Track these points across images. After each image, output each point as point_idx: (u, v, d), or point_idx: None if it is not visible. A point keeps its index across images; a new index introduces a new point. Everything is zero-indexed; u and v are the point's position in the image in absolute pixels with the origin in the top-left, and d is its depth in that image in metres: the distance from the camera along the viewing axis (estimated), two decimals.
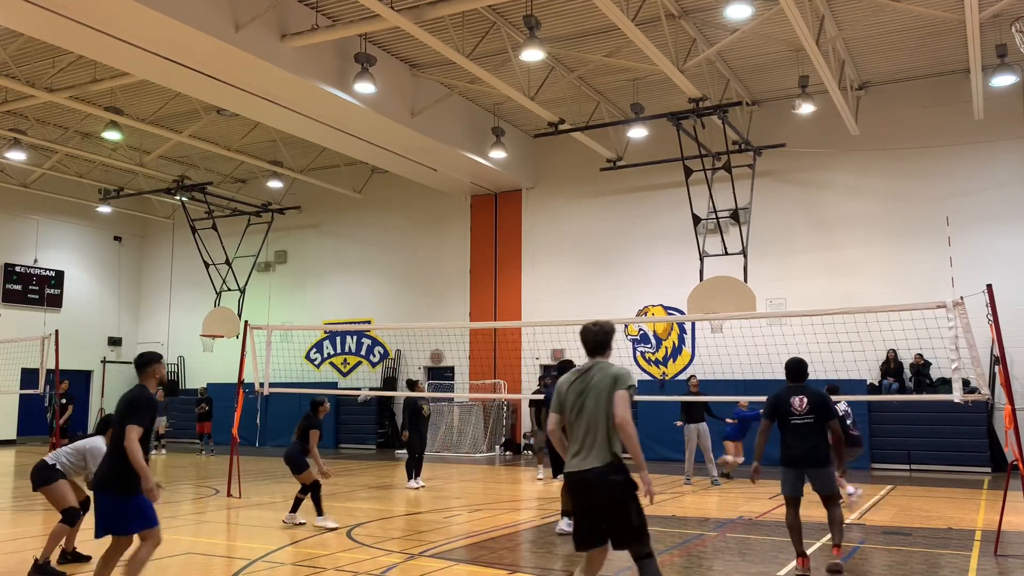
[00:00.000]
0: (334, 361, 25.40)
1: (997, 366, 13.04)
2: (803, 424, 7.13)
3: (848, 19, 15.49)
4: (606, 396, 4.85)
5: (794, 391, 7.28)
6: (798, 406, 7.18)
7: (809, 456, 7.07)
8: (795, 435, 7.14)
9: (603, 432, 4.82)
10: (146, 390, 5.84)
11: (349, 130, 17.98)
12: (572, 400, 4.98)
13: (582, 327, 5.24)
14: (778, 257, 19.05)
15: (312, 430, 10.17)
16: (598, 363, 5.06)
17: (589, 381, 4.96)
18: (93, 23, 12.81)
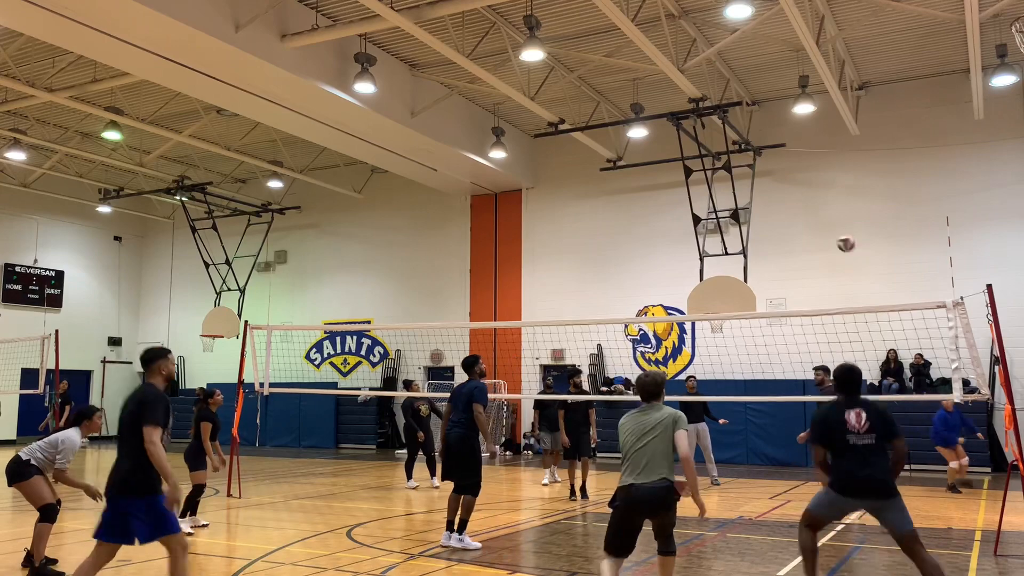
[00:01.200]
0: (334, 361, 25.40)
1: (997, 366, 13.06)
2: (863, 445, 5.88)
3: (848, 19, 15.49)
4: (668, 432, 5.85)
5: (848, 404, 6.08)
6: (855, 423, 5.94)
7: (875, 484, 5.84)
8: (855, 458, 5.87)
9: (662, 458, 5.81)
10: (154, 387, 5.56)
11: (349, 130, 17.98)
12: (631, 432, 5.96)
13: (637, 379, 6.33)
14: (778, 257, 19.04)
15: (203, 422, 9.66)
16: (654, 405, 6.04)
17: (650, 417, 5.95)
18: (93, 23, 12.81)
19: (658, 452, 5.80)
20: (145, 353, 5.75)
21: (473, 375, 8.91)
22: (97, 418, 7.67)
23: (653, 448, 5.81)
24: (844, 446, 5.91)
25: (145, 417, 5.31)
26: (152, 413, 5.33)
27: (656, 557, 6.04)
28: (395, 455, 21.66)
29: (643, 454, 5.82)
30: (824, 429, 6.06)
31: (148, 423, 5.29)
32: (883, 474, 5.84)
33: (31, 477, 7.26)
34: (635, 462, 5.84)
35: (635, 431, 5.95)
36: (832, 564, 7.75)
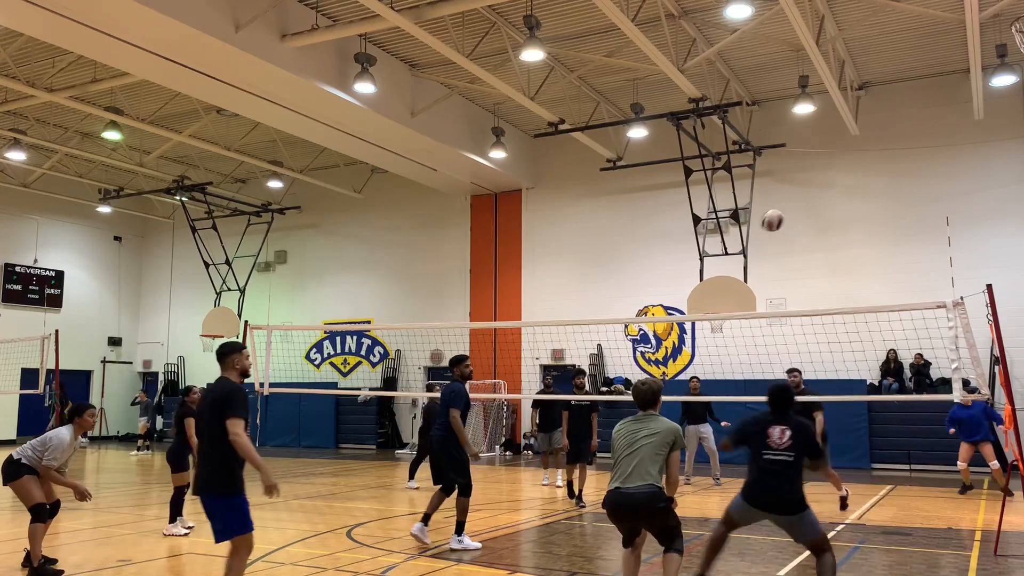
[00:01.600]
0: (334, 361, 25.39)
1: (997, 366, 13.05)
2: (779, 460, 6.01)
3: (848, 19, 15.49)
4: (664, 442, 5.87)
5: (775, 420, 6.17)
6: (777, 438, 6.06)
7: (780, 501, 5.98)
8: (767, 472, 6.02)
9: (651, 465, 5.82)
10: (231, 381, 5.51)
11: (349, 130, 17.98)
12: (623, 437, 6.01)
13: (634, 387, 6.21)
14: (778, 257, 19.03)
15: (186, 418, 9.49)
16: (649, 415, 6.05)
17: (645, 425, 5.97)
18: (93, 23, 12.80)
19: (646, 459, 5.81)
20: (220, 348, 5.71)
21: (455, 375, 8.74)
22: (89, 415, 7.57)
23: (642, 455, 5.83)
24: (759, 458, 6.09)
25: (227, 411, 5.28)
26: (234, 406, 5.30)
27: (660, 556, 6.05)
28: (395, 455, 21.67)
29: (631, 460, 5.85)
30: (744, 435, 6.31)
31: (230, 416, 5.26)
32: (791, 492, 5.93)
33: (21, 477, 7.19)
34: (623, 468, 5.89)
35: (627, 438, 5.99)
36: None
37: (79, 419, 7.49)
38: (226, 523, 5.30)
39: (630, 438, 5.95)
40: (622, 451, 5.96)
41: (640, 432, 5.95)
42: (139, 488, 14.54)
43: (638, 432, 5.95)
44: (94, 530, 9.56)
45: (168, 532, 9.13)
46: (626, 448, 5.93)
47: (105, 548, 8.48)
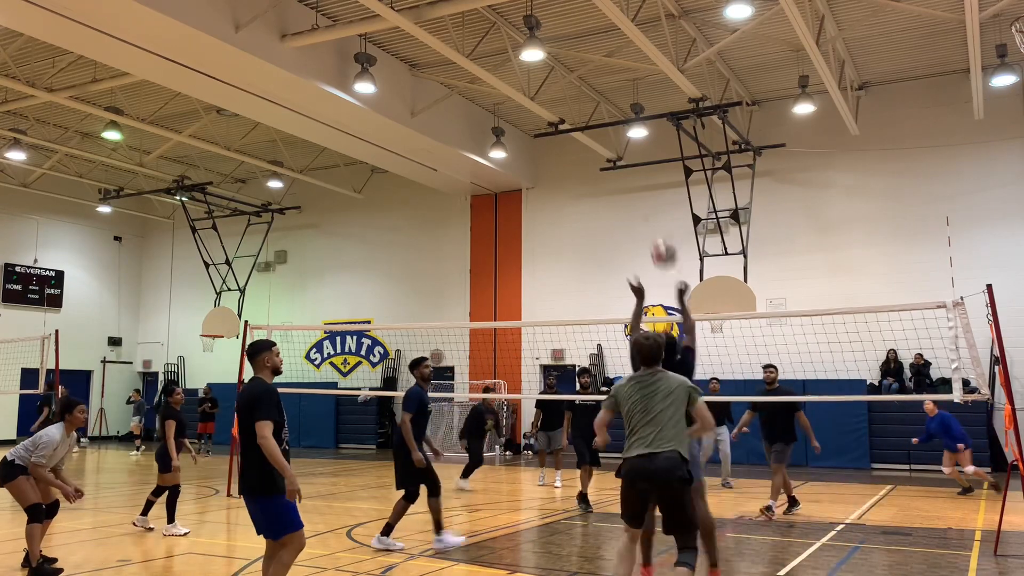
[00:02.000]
0: (334, 361, 25.40)
1: (997, 366, 13.05)
2: None
3: (848, 19, 15.49)
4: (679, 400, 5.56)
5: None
6: None
7: None
8: None
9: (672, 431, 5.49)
10: (263, 381, 5.48)
11: (349, 130, 17.98)
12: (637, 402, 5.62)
13: (634, 341, 5.86)
14: (778, 257, 19.04)
15: (167, 420, 9.40)
16: (659, 370, 5.73)
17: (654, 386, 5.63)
18: (93, 23, 12.80)
19: (668, 424, 5.47)
20: (250, 347, 5.69)
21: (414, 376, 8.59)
22: (79, 411, 7.45)
23: (663, 421, 5.48)
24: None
25: (256, 413, 5.28)
26: (262, 409, 5.30)
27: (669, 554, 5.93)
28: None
29: (651, 428, 5.49)
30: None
31: (259, 418, 5.27)
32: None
33: (15, 478, 7.13)
34: (643, 436, 5.51)
35: (643, 403, 5.59)
36: (832, 564, 7.75)
37: (69, 416, 7.38)
38: (269, 523, 5.33)
39: (646, 403, 5.57)
40: (639, 418, 5.57)
41: (655, 395, 5.57)
42: (139, 488, 14.54)
43: (653, 395, 5.57)
44: (94, 530, 9.56)
45: (167, 532, 9.12)
46: (643, 415, 5.55)
47: (105, 548, 8.48)
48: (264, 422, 5.27)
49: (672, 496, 5.43)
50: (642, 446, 5.48)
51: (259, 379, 5.57)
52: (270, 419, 5.29)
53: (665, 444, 5.44)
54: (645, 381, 5.68)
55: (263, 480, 5.27)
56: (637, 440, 5.53)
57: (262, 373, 5.58)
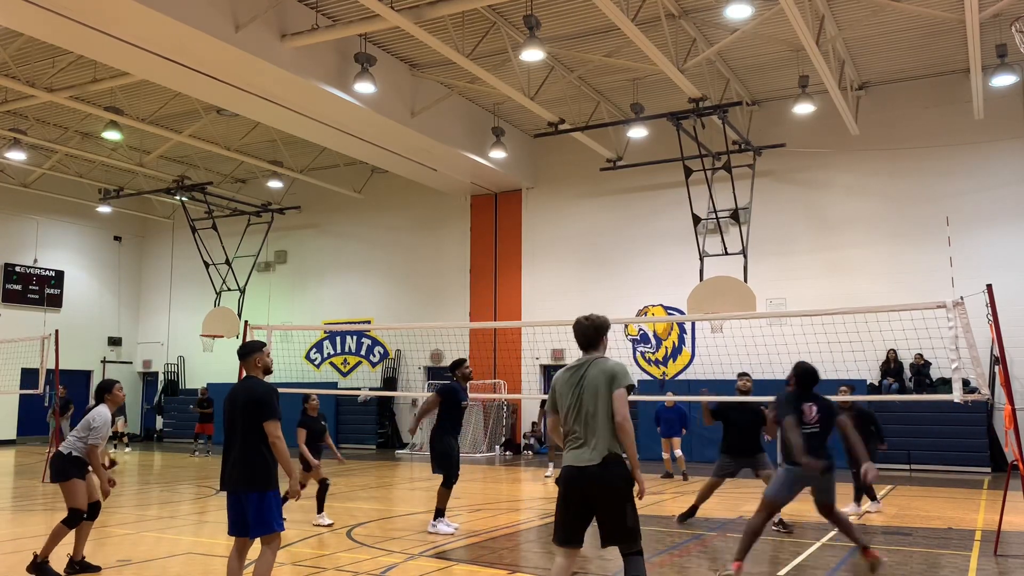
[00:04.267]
0: (334, 361, 25.40)
1: (997, 366, 13.04)
2: (812, 434, 6.87)
3: (848, 19, 15.49)
4: (604, 392, 4.88)
5: (805, 398, 6.99)
6: (808, 414, 6.91)
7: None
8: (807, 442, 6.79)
9: (603, 428, 4.84)
10: (261, 381, 5.64)
11: (349, 130, 17.97)
12: (567, 395, 5.00)
13: (575, 321, 5.23)
14: (778, 257, 19.04)
15: (299, 428, 9.77)
16: (593, 358, 5.06)
17: (584, 376, 4.97)
18: (93, 23, 12.81)
19: (598, 421, 4.84)
20: (241, 348, 5.81)
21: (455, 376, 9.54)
22: (118, 390, 7.52)
23: (590, 414, 4.87)
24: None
25: (265, 413, 5.43)
26: (272, 409, 5.46)
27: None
28: (395, 455, 21.68)
29: (578, 421, 4.90)
30: (787, 411, 6.93)
31: (270, 419, 5.42)
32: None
33: (71, 479, 7.11)
34: (571, 432, 4.94)
35: (570, 393, 4.98)
36: (832, 564, 7.75)
37: (109, 396, 7.42)
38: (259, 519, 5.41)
39: (574, 392, 4.95)
40: (568, 412, 4.97)
41: (585, 383, 4.93)
42: (138, 488, 14.54)
43: (580, 380, 4.95)
44: (94, 530, 9.53)
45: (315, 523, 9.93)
46: (572, 407, 4.94)
47: (105, 548, 8.47)
48: (275, 421, 5.43)
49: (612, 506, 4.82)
50: (578, 451, 4.89)
51: (255, 378, 5.67)
52: (279, 418, 5.44)
53: (600, 447, 4.84)
54: (576, 371, 5.05)
55: (260, 476, 5.39)
56: (571, 440, 4.97)
57: (255, 372, 5.70)
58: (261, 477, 5.41)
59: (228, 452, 5.57)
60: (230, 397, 5.65)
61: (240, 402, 5.53)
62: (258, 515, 5.41)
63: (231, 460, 5.52)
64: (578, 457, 4.85)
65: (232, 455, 5.52)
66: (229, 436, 5.59)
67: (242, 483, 5.43)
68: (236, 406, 5.55)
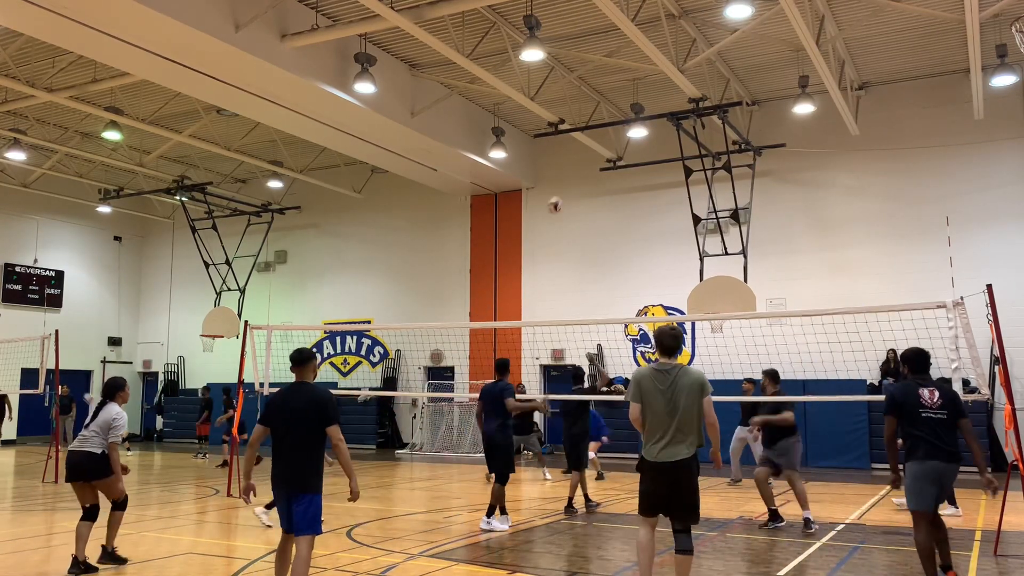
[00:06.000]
0: (334, 361, 25.40)
1: (997, 366, 13.05)
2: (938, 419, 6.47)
3: (848, 19, 15.49)
4: (697, 398, 5.77)
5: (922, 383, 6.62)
6: (929, 399, 6.51)
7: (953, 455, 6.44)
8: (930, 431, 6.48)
9: (694, 428, 5.76)
10: (316, 386, 5.98)
11: (349, 130, 17.98)
12: (661, 395, 5.82)
13: (658, 330, 6.08)
14: (778, 257, 19.04)
15: None
16: (678, 365, 5.92)
17: (677, 382, 5.82)
18: (93, 23, 12.80)
19: (692, 422, 5.75)
20: (299, 354, 6.04)
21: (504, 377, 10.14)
22: (127, 388, 7.91)
23: (686, 416, 5.75)
24: (918, 419, 6.56)
25: (330, 418, 5.72)
26: (336, 414, 5.77)
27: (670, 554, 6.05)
28: (395, 455, 21.68)
29: (670, 421, 5.76)
30: (898, 403, 6.67)
31: (334, 423, 5.73)
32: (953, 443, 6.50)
33: (110, 475, 7.44)
34: (664, 429, 5.78)
35: (665, 394, 5.80)
36: (832, 564, 7.76)
37: (121, 393, 7.76)
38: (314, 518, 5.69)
39: (668, 394, 5.79)
40: (662, 411, 5.80)
41: (675, 385, 5.79)
42: (138, 488, 14.54)
43: (678, 388, 5.79)
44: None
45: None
46: (663, 404, 5.79)
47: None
48: (338, 426, 5.75)
49: (692, 490, 5.81)
50: (672, 447, 5.76)
51: (311, 384, 5.95)
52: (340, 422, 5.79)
53: (691, 445, 5.78)
54: (668, 374, 5.88)
55: (315, 478, 5.69)
56: (663, 437, 5.79)
57: (309, 378, 6.00)
58: (315, 480, 5.69)
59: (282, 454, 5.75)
60: (281, 401, 5.80)
61: (299, 407, 5.72)
62: (306, 516, 5.62)
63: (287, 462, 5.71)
64: (674, 453, 5.73)
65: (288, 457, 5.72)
66: (282, 438, 5.75)
67: (297, 484, 5.65)
68: (293, 410, 5.73)
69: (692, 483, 5.80)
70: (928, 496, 6.46)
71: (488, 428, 9.82)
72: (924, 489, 6.48)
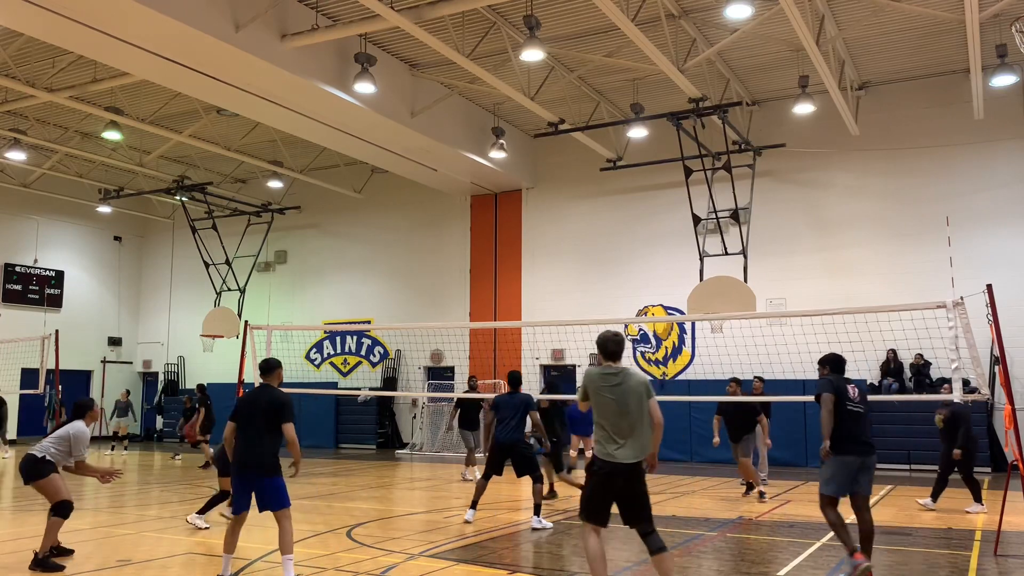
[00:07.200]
0: (334, 361, 25.40)
1: (997, 366, 13.05)
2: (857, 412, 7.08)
3: (848, 19, 15.49)
4: (643, 400, 5.92)
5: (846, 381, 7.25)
6: (852, 394, 7.11)
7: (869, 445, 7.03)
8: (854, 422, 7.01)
9: (642, 431, 5.90)
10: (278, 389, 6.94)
11: (349, 130, 17.97)
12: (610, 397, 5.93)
13: (600, 336, 6.16)
14: (778, 257, 19.04)
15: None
16: (624, 368, 6.05)
17: (623, 384, 5.95)
18: (93, 23, 12.80)
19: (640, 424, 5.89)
20: (266, 363, 7.08)
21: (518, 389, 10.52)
22: (97, 408, 8.09)
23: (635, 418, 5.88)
24: (844, 410, 7.01)
25: (285, 416, 6.71)
26: (291, 414, 6.75)
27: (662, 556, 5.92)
28: (395, 455, 21.68)
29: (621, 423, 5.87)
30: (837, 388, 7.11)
31: (288, 421, 6.71)
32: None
33: (49, 475, 7.46)
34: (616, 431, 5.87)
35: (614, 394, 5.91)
36: (832, 564, 7.75)
37: (91, 412, 7.95)
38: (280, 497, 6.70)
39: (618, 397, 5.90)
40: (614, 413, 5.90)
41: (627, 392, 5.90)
42: (138, 488, 14.54)
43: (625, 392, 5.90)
44: (94, 530, 9.56)
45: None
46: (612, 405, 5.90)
47: (105, 548, 8.48)
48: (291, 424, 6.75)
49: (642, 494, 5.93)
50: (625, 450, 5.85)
51: (275, 388, 6.93)
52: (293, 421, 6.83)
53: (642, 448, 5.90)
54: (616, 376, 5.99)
55: (275, 463, 6.70)
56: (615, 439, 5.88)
57: (275, 383, 6.98)
58: (273, 463, 6.70)
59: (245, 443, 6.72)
60: (247, 401, 6.90)
61: (261, 405, 6.74)
62: (274, 495, 6.67)
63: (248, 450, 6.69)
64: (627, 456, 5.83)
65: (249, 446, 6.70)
66: (245, 430, 6.75)
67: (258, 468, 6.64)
68: (256, 408, 6.75)
69: (644, 485, 5.94)
70: (843, 487, 6.97)
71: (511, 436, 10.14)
72: (842, 480, 6.95)
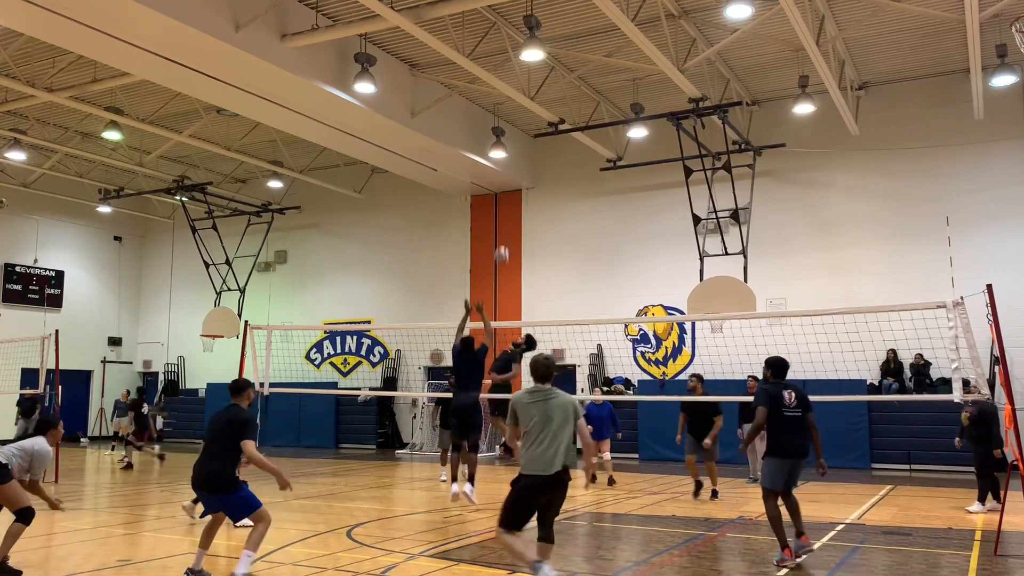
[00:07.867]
0: (334, 361, 25.39)
1: (997, 366, 13.05)
2: (794, 417, 7.63)
3: (848, 19, 15.49)
4: (570, 418, 6.34)
5: (784, 387, 7.75)
6: (788, 400, 7.62)
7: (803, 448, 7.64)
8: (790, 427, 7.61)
9: (567, 444, 6.28)
10: (244, 409, 7.17)
11: (349, 130, 17.97)
12: (538, 412, 6.32)
13: (532, 360, 6.58)
14: (778, 257, 19.04)
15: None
16: (551, 388, 6.45)
17: (549, 401, 6.35)
18: (93, 23, 12.80)
19: (565, 438, 6.26)
20: (235, 384, 7.33)
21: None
22: (60, 429, 7.97)
23: (560, 433, 6.25)
24: (781, 416, 7.60)
25: (244, 435, 6.86)
26: (251, 432, 6.94)
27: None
28: (395, 455, 21.68)
29: (546, 436, 6.24)
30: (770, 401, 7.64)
31: (247, 439, 6.86)
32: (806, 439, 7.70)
33: (10, 481, 7.08)
34: (542, 444, 6.24)
35: (542, 417, 6.30)
36: (832, 564, 7.75)
37: (53, 431, 7.79)
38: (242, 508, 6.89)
39: (545, 417, 6.27)
40: (541, 431, 6.27)
41: (554, 411, 6.29)
42: (139, 488, 14.54)
43: (551, 411, 6.29)
44: (93, 530, 9.56)
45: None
46: (545, 428, 6.27)
47: (105, 548, 8.48)
48: (251, 441, 6.89)
49: (561, 498, 6.40)
50: (550, 460, 6.21)
51: (239, 407, 7.16)
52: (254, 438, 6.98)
53: (564, 459, 6.25)
54: (544, 397, 6.40)
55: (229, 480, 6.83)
56: (544, 451, 6.25)
57: (243, 402, 7.24)
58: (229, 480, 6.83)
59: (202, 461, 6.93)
60: (215, 418, 7.12)
61: (223, 424, 6.94)
62: (237, 507, 6.88)
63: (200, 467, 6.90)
64: (551, 465, 6.18)
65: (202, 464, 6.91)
66: (207, 446, 6.99)
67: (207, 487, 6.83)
68: (218, 425, 6.96)
69: (564, 495, 6.41)
70: (780, 482, 7.61)
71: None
72: (780, 477, 7.60)
